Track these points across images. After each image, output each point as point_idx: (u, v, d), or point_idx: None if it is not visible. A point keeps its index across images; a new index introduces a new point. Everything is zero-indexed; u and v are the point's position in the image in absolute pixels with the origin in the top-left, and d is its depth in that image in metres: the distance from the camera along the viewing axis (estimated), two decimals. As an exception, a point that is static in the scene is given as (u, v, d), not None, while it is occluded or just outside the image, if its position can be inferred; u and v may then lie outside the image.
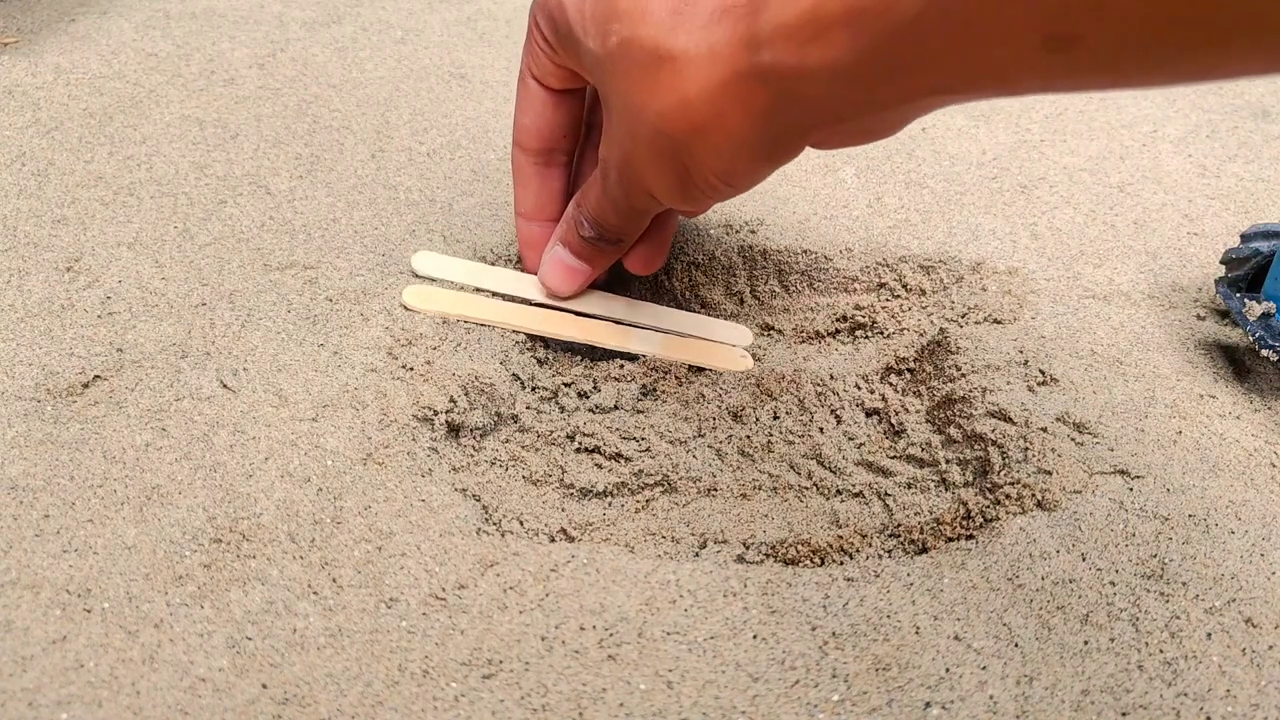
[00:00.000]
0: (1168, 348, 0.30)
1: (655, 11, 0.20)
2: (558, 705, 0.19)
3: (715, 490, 0.26)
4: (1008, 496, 0.24)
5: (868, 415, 0.29)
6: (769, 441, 0.28)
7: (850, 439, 0.28)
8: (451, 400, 0.26)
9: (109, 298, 0.29)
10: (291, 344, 0.28)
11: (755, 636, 0.20)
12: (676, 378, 0.29)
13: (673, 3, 0.20)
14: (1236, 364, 0.30)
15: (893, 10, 0.15)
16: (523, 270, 0.30)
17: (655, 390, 0.29)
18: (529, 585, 0.21)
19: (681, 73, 0.19)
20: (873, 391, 0.29)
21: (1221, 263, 0.30)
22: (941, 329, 0.30)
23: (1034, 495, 0.24)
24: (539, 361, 0.30)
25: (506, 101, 0.45)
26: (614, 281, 0.32)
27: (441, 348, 0.28)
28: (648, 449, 0.27)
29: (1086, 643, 0.20)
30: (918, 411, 0.28)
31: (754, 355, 0.30)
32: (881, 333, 0.32)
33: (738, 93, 0.19)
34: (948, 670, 0.20)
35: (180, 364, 0.27)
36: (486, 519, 0.23)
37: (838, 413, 0.28)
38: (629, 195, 0.24)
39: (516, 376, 0.28)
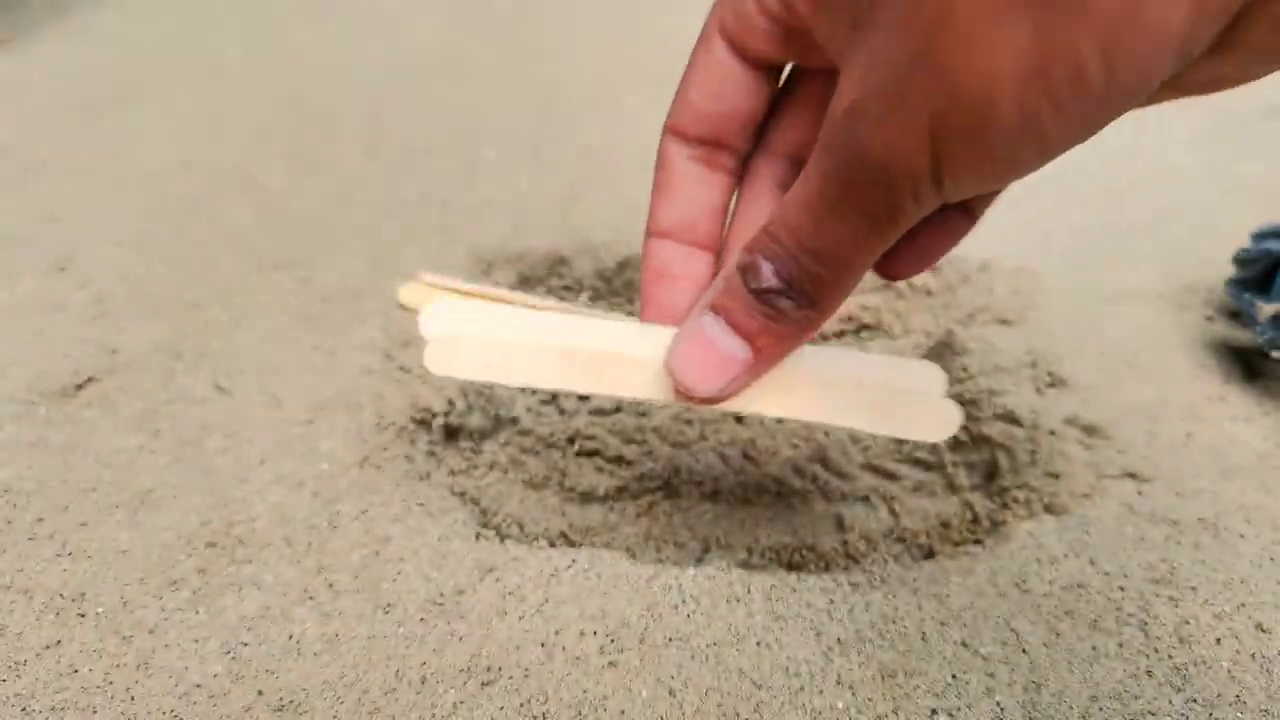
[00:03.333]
0: (1178, 349, 0.29)
1: None
2: (558, 713, 0.18)
3: (718, 494, 0.26)
4: (1015, 500, 0.24)
5: (872, 416, 0.28)
6: (773, 444, 0.27)
7: (855, 442, 0.28)
8: (450, 402, 0.26)
9: (101, 298, 0.29)
10: (286, 345, 0.27)
11: (759, 643, 0.20)
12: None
13: None
14: (1247, 366, 0.29)
15: None
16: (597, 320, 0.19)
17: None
18: (529, 591, 0.21)
19: None
20: (877, 392, 0.29)
21: (1233, 262, 0.30)
22: (949, 330, 0.30)
23: (1042, 499, 0.23)
24: (539, 361, 0.29)
25: (506, 97, 0.44)
26: None
27: (440, 348, 0.28)
28: (649, 452, 0.27)
29: (1095, 648, 0.20)
30: (923, 413, 0.28)
31: None
32: (888, 334, 0.32)
33: None
34: (954, 677, 0.19)
35: (173, 365, 0.26)
36: (485, 523, 0.23)
37: (842, 414, 0.28)
38: (888, 160, 0.14)
39: (516, 377, 0.28)
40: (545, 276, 0.33)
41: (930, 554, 0.24)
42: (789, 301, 0.16)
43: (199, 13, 0.50)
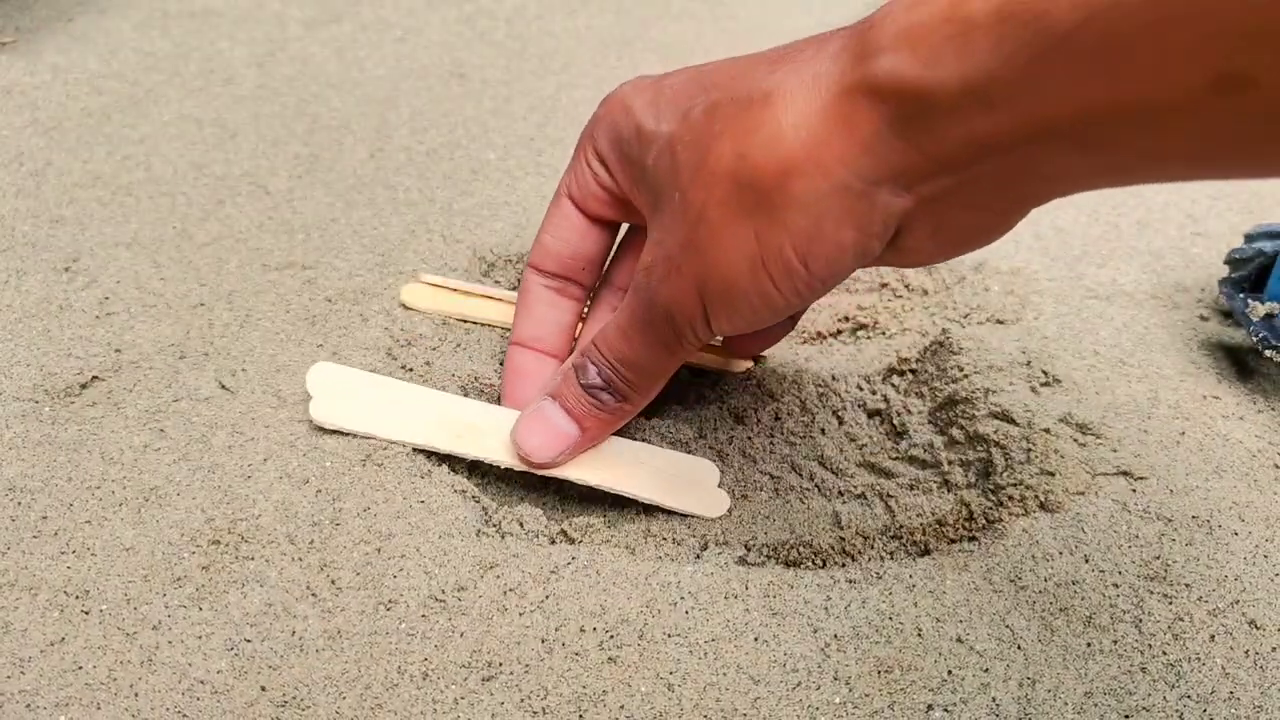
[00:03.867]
0: (1171, 348, 0.30)
1: (751, 72, 0.18)
2: (558, 708, 0.18)
3: (716, 491, 0.26)
4: (1010, 498, 0.24)
5: (870, 416, 0.29)
6: (770, 443, 0.28)
7: (852, 440, 0.28)
8: (451, 401, 0.26)
9: (107, 298, 0.29)
10: (290, 344, 0.28)
11: (757, 639, 0.20)
12: (677, 379, 0.29)
13: (771, 60, 0.18)
14: (1240, 365, 0.30)
15: (1044, 18, 0.13)
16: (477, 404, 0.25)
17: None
18: (529, 587, 0.21)
19: (777, 104, 0.17)
20: (875, 392, 0.29)
21: (1225, 263, 0.30)
22: (944, 329, 0.30)
23: (1037, 497, 0.24)
24: (539, 362, 0.30)
25: (507, 101, 0.45)
26: None
27: (441, 348, 0.28)
28: (648, 450, 0.27)
29: (1089, 645, 0.20)
30: (920, 412, 0.28)
31: (756, 358, 0.30)
32: (884, 333, 0.32)
33: (842, 113, 0.16)
34: (950, 673, 0.19)
35: (178, 364, 0.27)
36: (486, 520, 0.23)
37: (839, 414, 0.28)
38: (671, 308, 0.20)
39: (516, 377, 0.28)
40: (545, 278, 0.33)
41: (926, 551, 0.24)
42: (608, 395, 0.22)
43: (204, 19, 0.51)
